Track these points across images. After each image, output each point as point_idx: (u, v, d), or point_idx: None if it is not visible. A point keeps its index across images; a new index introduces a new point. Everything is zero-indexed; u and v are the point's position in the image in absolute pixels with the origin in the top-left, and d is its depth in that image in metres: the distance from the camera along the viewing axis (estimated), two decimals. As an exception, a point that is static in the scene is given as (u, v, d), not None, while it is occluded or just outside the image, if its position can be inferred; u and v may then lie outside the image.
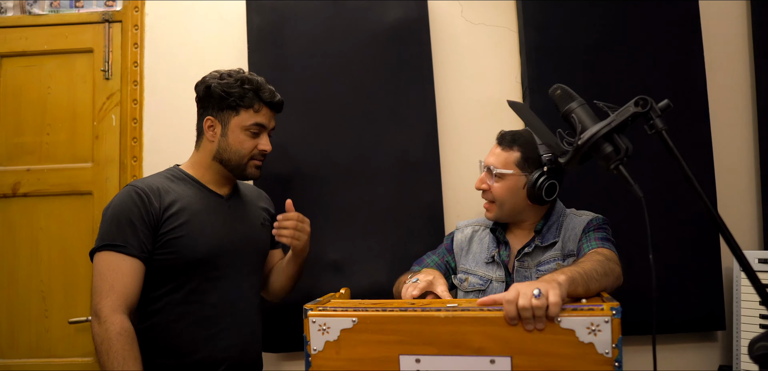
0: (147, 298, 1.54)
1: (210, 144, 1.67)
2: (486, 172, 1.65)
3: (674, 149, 1.00)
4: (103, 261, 1.48)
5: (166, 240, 1.53)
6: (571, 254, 1.57)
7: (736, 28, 2.15)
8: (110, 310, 1.42)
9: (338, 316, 1.15)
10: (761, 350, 0.89)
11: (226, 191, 1.72)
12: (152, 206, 1.53)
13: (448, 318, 1.09)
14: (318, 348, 1.15)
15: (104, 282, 1.45)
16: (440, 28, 2.18)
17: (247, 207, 1.77)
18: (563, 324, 1.04)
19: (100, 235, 1.52)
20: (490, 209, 1.66)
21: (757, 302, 1.82)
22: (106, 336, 1.40)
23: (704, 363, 2.07)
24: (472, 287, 1.67)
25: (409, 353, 1.11)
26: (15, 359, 2.18)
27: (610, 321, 1.02)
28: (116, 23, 2.26)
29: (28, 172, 2.23)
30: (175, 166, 1.73)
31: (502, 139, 1.66)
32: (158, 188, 1.58)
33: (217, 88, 1.63)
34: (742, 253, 0.95)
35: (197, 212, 1.60)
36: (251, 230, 1.72)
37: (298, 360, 2.12)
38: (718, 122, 2.07)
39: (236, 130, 1.64)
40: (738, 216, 2.09)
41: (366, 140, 2.07)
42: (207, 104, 1.67)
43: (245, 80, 1.64)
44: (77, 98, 2.25)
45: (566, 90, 1.15)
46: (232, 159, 1.65)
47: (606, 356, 1.02)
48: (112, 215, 1.52)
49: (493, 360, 1.07)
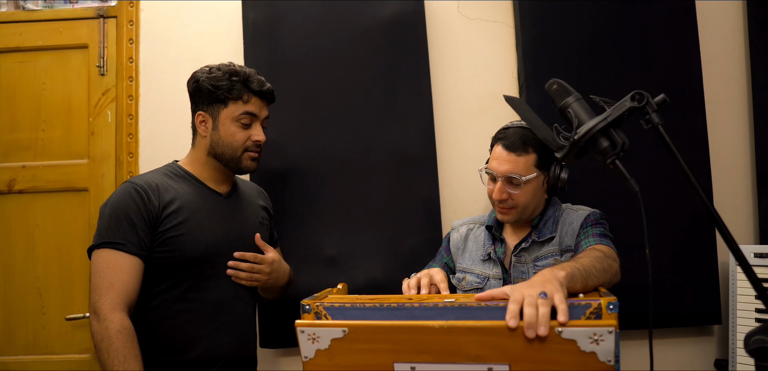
0: (144, 295, 1.53)
1: (203, 139, 1.66)
2: (505, 181, 1.56)
3: (670, 144, 1.00)
4: (102, 259, 1.47)
5: (165, 238, 1.52)
6: (569, 250, 1.57)
7: (733, 22, 2.15)
8: (110, 308, 1.42)
9: (328, 326, 1.10)
10: (757, 344, 0.89)
11: (225, 188, 1.71)
12: (151, 204, 1.52)
13: (444, 328, 1.05)
14: (309, 355, 1.13)
15: (103, 279, 1.44)
16: (436, 24, 2.18)
17: (246, 206, 1.76)
18: (564, 335, 1.01)
19: (98, 232, 1.51)
20: (510, 214, 1.59)
21: (752, 296, 1.83)
22: (106, 334, 1.39)
23: (700, 358, 2.07)
24: (470, 285, 1.67)
25: (403, 361, 1.08)
26: (12, 356, 2.18)
27: (613, 331, 0.99)
28: (111, 19, 2.25)
29: (24, 168, 2.22)
30: (174, 162, 1.72)
31: (513, 145, 1.56)
32: (157, 185, 1.57)
33: (205, 83, 1.62)
34: (738, 247, 0.95)
35: (196, 210, 1.59)
36: (249, 230, 1.71)
37: (295, 357, 2.12)
38: (714, 117, 2.07)
39: (226, 122, 1.63)
40: (734, 211, 2.10)
41: (362, 136, 2.07)
42: (198, 100, 1.66)
43: (233, 72, 1.63)
44: (72, 94, 2.24)
45: (563, 85, 1.15)
46: (225, 152, 1.64)
47: (608, 364, 1.00)
48: (111, 212, 1.51)
49: (490, 367, 1.04)
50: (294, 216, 2.05)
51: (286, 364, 2.14)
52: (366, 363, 1.10)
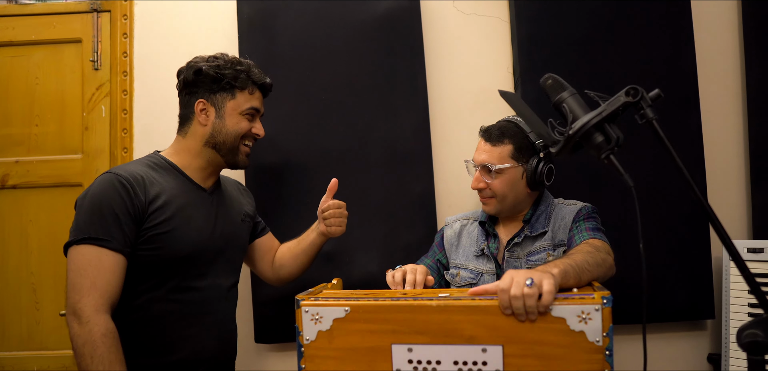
0: (126, 294, 1.44)
1: (202, 128, 1.60)
2: (481, 170, 1.63)
3: (665, 139, 1.01)
4: (83, 256, 1.38)
5: (150, 235, 1.45)
6: (562, 244, 1.58)
7: (727, 19, 2.15)
8: (93, 310, 1.34)
9: (331, 306, 1.15)
10: (749, 338, 0.90)
11: (209, 183, 1.65)
12: (137, 198, 1.43)
13: (440, 307, 1.09)
14: (310, 338, 1.15)
15: (85, 278, 1.35)
16: (432, 19, 2.18)
17: (230, 203, 1.72)
18: (554, 313, 1.05)
19: (77, 227, 1.42)
20: (490, 204, 1.64)
21: (745, 291, 1.84)
22: (89, 338, 1.32)
23: (694, 352, 2.09)
24: (464, 281, 1.67)
25: (401, 342, 1.11)
26: (6, 352, 2.17)
27: (600, 309, 1.03)
28: (105, 13, 2.23)
29: (17, 164, 2.21)
30: (155, 152, 1.65)
31: (490, 135, 1.63)
32: (143, 177, 1.48)
33: (209, 70, 1.57)
34: (731, 243, 0.96)
35: (183, 206, 1.52)
36: (234, 227, 1.68)
37: (289, 352, 2.12)
38: (708, 112, 2.08)
39: (233, 114, 1.60)
40: (727, 206, 2.11)
41: (358, 131, 2.07)
42: (197, 88, 1.60)
43: (236, 61, 1.61)
44: (66, 89, 2.23)
45: (557, 80, 1.15)
46: (226, 142, 1.60)
47: (596, 344, 1.03)
48: (93, 206, 1.41)
49: (484, 348, 1.08)
50: (289, 211, 2.04)
51: (281, 360, 2.13)
52: (365, 345, 1.13)
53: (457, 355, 1.08)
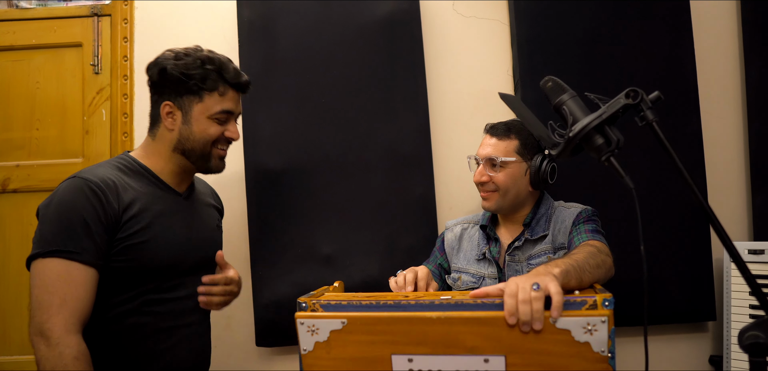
0: (97, 308, 1.32)
1: (169, 134, 1.46)
2: (486, 163, 1.63)
3: (665, 141, 1.00)
4: (50, 270, 1.25)
5: (124, 246, 1.33)
6: (562, 247, 1.58)
7: (727, 21, 2.16)
8: (63, 330, 1.22)
9: (327, 317, 1.11)
10: (751, 339, 0.90)
11: (184, 187, 1.54)
12: (110, 206, 1.31)
13: (441, 319, 1.06)
14: (308, 348, 1.13)
15: (53, 295, 1.23)
16: (432, 22, 2.18)
17: (203, 208, 1.61)
18: (559, 325, 1.02)
19: (42, 238, 1.28)
20: (491, 199, 1.63)
21: (747, 292, 1.84)
22: (60, 360, 1.19)
23: (695, 354, 2.08)
24: (465, 285, 1.67)
25: (401, 353, 1.09)
26: (7, 356, 2.17)
27: (606, 320, 1.00)
28: (105, 17, 2.24)
29: (18, 168, 2.21)
30: (126, 153, 1.51)
31: (496, 129, 1.65)
32: (114, 182, 1.35)
33: (173, 71, 1.42)
34: (732, 244, 0.96)
35: (158, 214, 1.41)
36: (209, 234, 1.58)
37: (291, 356, 2.12)
38: (708, 114, 2.08)
39: (201, 118, 1.45)
40: (728, 208, 2.11)
41: (358, 134, 2.07)
42: (163, 89, 1.46)
43: (206, 59, 1.44)
44: (67, 93, 2.23)
45: (557, 82, 1.15)
46: (195, 149, 1.46)
47: (602, 354, 1.01)
48: (60, 214, 1.28)
49: (486, 359, 1.05)
50: (290, 215, 2.05)
51: (281, 363, 2.13)
52: (364, 355, 1.10)
53: (459, 365, 1.06)
